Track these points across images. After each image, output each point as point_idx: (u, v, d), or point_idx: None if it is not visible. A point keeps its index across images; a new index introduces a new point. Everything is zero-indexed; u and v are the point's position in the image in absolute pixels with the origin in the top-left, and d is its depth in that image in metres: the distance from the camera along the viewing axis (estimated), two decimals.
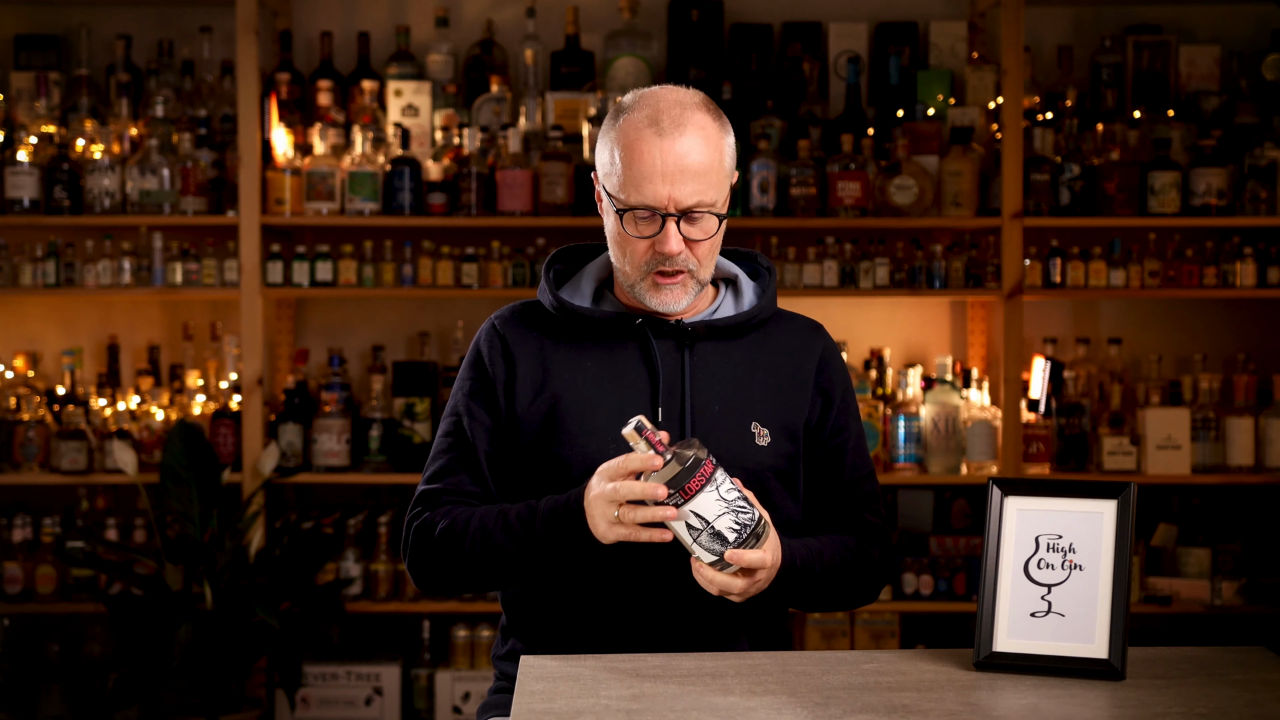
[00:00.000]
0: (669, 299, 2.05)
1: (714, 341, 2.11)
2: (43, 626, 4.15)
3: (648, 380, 2.07)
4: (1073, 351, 4.34)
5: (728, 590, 1.87)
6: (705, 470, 1.81)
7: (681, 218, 2.00)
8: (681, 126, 2.00)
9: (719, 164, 2.02)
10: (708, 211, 2.01)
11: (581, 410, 2.05)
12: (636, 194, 2.00)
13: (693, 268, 2.04)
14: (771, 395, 2.10)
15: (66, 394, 4.19)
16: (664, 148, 1.99)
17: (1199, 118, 4.22)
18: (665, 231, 2.00)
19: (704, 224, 2.02)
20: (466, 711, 4.10)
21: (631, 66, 4.25)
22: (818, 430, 2.14)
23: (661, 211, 1.99)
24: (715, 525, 1.82)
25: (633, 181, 2.00)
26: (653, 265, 2.03)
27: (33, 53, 4.30)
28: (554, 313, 2.12)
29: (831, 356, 2.18)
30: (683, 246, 2.01)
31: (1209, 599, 4.10)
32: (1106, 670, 1.76)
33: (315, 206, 4.09)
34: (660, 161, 1.98)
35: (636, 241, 2.02)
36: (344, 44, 4.36)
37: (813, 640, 4.13)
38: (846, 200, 4.09)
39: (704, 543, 1.83)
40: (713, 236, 2.04)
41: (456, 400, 2.14)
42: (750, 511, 1.84)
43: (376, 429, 4.11)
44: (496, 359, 2.11)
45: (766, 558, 1.85)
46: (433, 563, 2.06)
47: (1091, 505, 1.81)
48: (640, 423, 1.83)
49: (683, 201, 1.99)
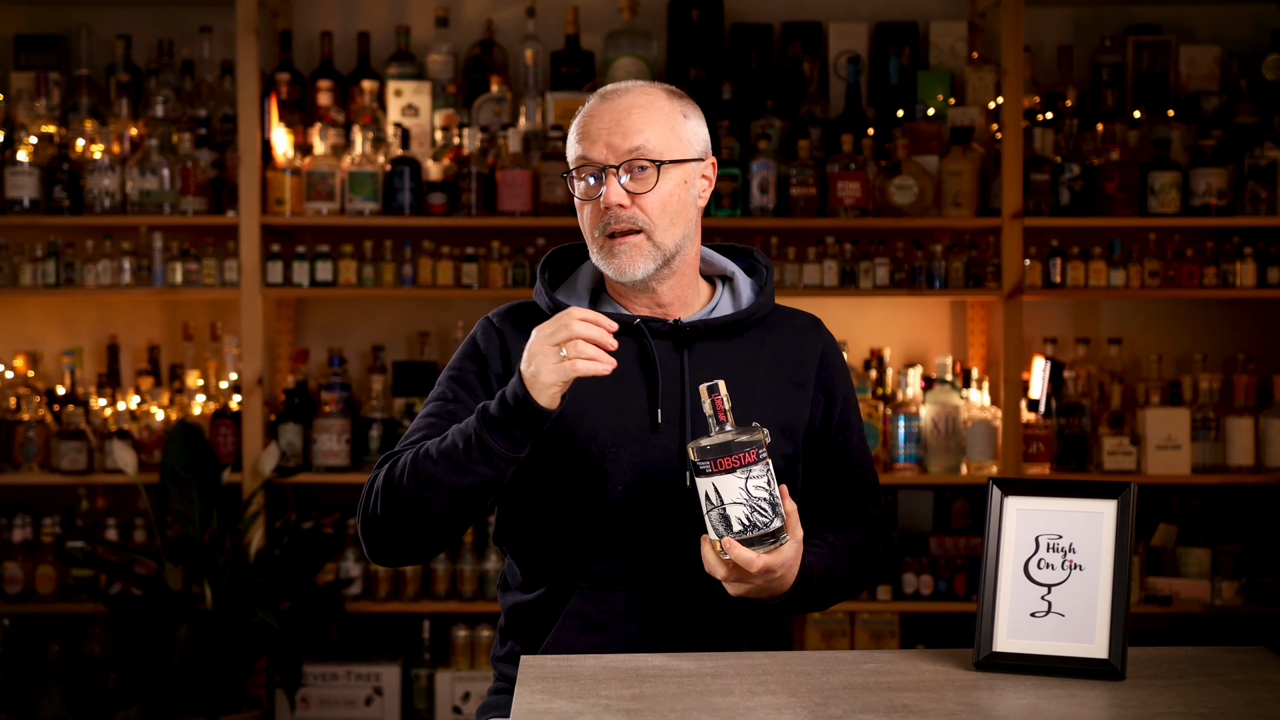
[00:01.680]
0: (625, 263, 2.03)
1: (712, 340, 2.10)
2: (43, 626, 4.15)
3: (645, 381, 2.06)
4: (1073, 351, 4.34)
5: (712, 571, 1.88)
6: (745, 457, 1.82)
7: (620, 169, 2.00)
8: (624, 91, 2.05)
9: (666, 122, 2.02)
10: (650, 160, 2.00)
11: (580, 410, 2.04)
12: (577, 152, 2.03)
13: (644, 225, 2.02)
14: (771, 395, 2.09)
15: (66, 394, 4.19)
16: (604, 107, 2.03)
17: (1199, 118, 4.22)
18: (607, 183, 2.01)
19: (647, 177, 2.01)
20: (466, 711, 4.10)
21: (631, 66, 4.25)
22: (823, 429, 2.14)
23: (600, 163, 2.01)
24: (726, 510, 1.83)
25: (577, 145, 2.04)
26: (604, 228, 2.02)
27: (33, 53, 4.30)
28: (550, 313, 2.10)
29: (831, 354, 2.17)
30: (624, 199, 2.00)
31: (1209, 599, 4.10)
32: (1106, 670, 1.76)
33: (315, 206, 4.09)
34: (599, 120, 2.03)
35: (585, 205, 2.04)
36: (344, 44, 4.36)
37: (813, 640, 4.13)
38: (846, 200, 4.09)
39: (713, 519, 1.84)
40: (658, 191, 2.02)
41: (445, 386, 2.10)
42: (769, 516, 1.84)
43: (376, 429, 4.11)
44: (494, 353, 2.10)
45: (757, 562, 1.84)
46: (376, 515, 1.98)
47: (1091, 505, 1.81)
48: (716, 385, 1.85)
49: (619, 147, 2.00)
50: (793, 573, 1.91)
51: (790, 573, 1.90)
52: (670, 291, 2.09)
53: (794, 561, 1.90)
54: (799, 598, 1.97)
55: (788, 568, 1.89)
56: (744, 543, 1.83)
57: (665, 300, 2.10)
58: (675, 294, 2.10)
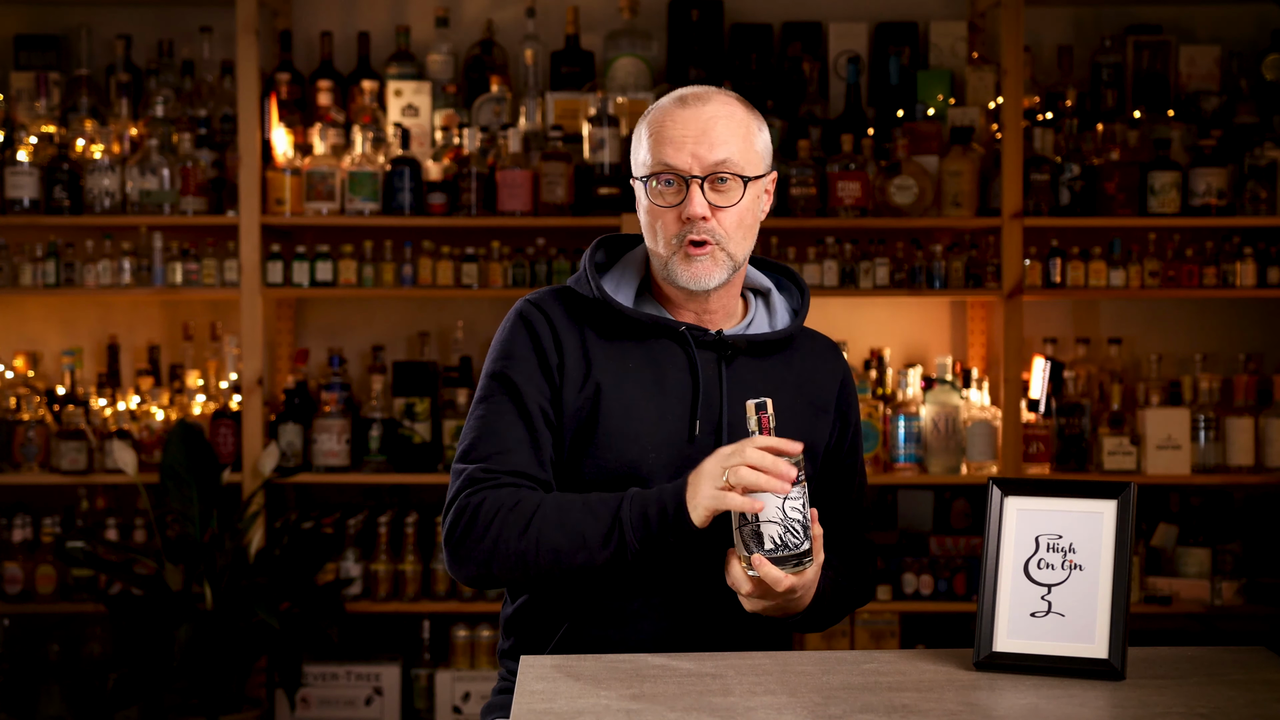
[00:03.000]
0: (699, 271, 2.01)
1: (750, 357, 2.10)
2: (43, 626, 4.15)
3: (690, 390, 2.06)
4: (1073, 351, 4.34)
5: (736, 586, 1.89)
6: None
7: (705, 181, 1.99)
8: (705, 99, 2.02)
9: (746, 137, 2.01)
10: (734, 175, 1.99)
11: (624, 410, 2.03)
12: (660, 158, 2.00)
13: (720, 238, 2.01)
14: (796, 416, 2.10)
15: (66, 394, 4.19)
16: (687, 115, 2.00)
17: (1199, 118, 4.22)
18: (690, 194, 1.99)
19: (730, 191, 2.00)
20: (466, 711, 4.10)
21: (631, 66, 4.25)
22: (835, 452, 2.17)
23: (685, 174, 1.99)
24: (761, 527, 1.84)
25: (657, 150, 2.01)
26: (683, 236, 2.01)
27: (33, 53, 4.30)
28: (594, 305, 2.08)
29: (848, 379, 2.21)
30: (708, 211, 1.99)
31: (1209, 599, 4.10)
32: (1106, 670, 1.76)
33: (315, 206, 4.09)
34: (683, 127, 2.00)
35: (664, 212, 2.01)
36: (344, 44, 4.36)
37: (813, 640, 4.13)
38: (846, 200, 4.09)
39: (745, 535, 1.86)
40: (739, 206, 2.01)
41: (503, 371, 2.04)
42: (800, 538, 1.85)
43: (376, 429, 4.11)
44: (547, 337, 2.05)
45: (785, 581, 1.85)
46: (486, 544, 1.96)
47: (1091, 505, 1.81)
48: (765, 402, 1.86)
49: (705, 159, 1.98)
50: (810, 595, 1.94)
51: (808, 594, 1.93)
52: (719, 300, 2.09)
53: (814, 584, 1.93)
54: (808, 620, 2.01)
55: (807, 589, 1.92)
56: (773, 561, 1.85)
57: (713, 308, 2.09)
58: (722, 304, 2.10)
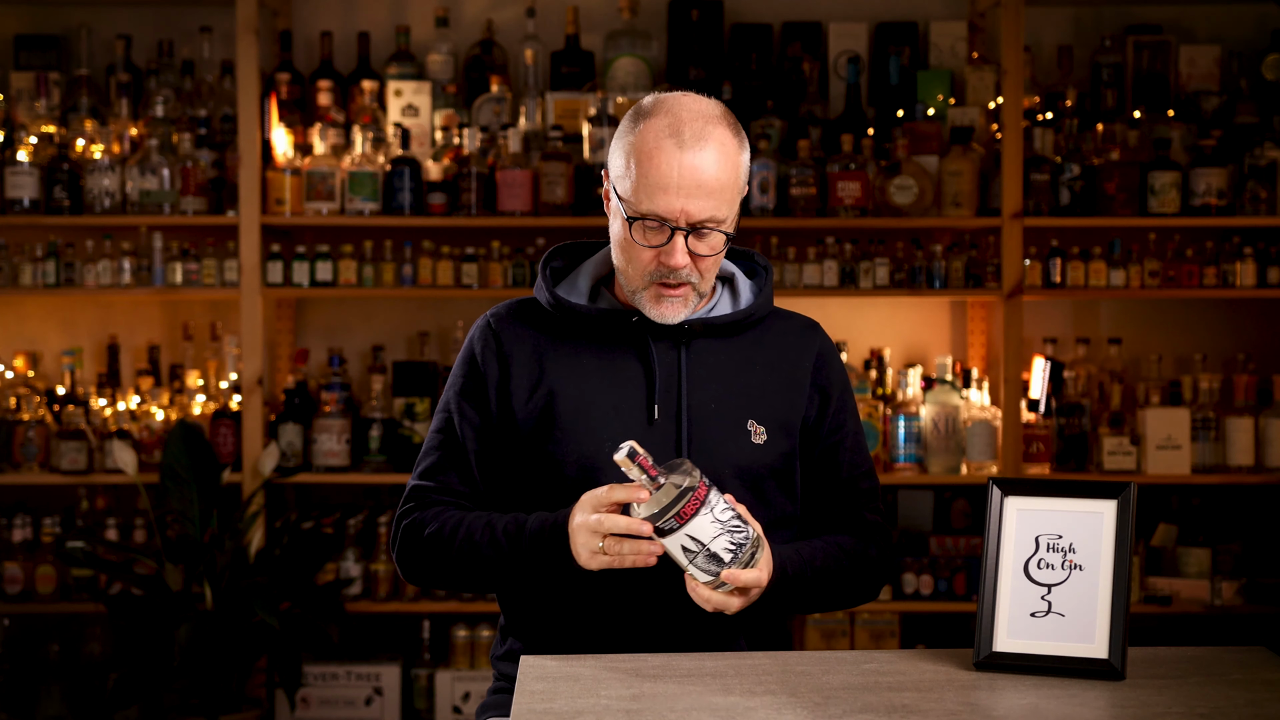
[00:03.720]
0: (668, 311, 2.04)
1: (710, 339, 2.10)
2: (43, 626, 4.15)
3: (644, 378, 2.07)
4: (1073, 351, 4.34)
5: (724, 608, 1.88)
6: (699, 494, 1.80)
7: (690, 232, 1.99)
8: (702, 140, 1.97)
9: (734, 180, 2.01)
10: (717, 229, 2.00)
11: (577, 408, 2.05)
12: (649, 203, 1.98)
13: (694, 281, 2.03)
14: (768, 393, 2.10)
15: (66, 394, 4.19)
16: (682, 161, 1.96)
17: (1199, 118, 4.22)
18: (673, 244, 1.99)
19: (711, 240, 2.01)
20: (466, 711, 4.10)
21: (631, 66, 4.25)
22: (815, 428, 2.14)
23: (672, 224, 1.98)
24: (711, 547, 1.82)
25: (646, 190, 1.98)
26: (656, 276, 2.02)
27: (33, 53, 4.30)
28: (550, 310, 2.11)
29: (828, 355, 2.17)
30: (688, 260, 2.00)
31: (1209, 599, 4.10)
32: (1106, 670, 1.76)
33: (315, 206, 4.09)
34: (677, 174, 1.96)
35: (643, 250, 2.01)
36: (344, 44, 4.36)
37: (813, 640, 4.13)
38: (846, 200, 4.09)
39: (700, 564, 1.83)
40: (718, 253, 2.03)
41: (448, 397, 2.15)
42: (745, 530, 1.84)
43: (376, 429, 4.11)
44: (489, 357, 2.11)
45: (763, 576, 1.87)
46: (420, 563, 2.10)
47: (1091, 505, 1.81)
48: (633, 449, 1.79)
49: (694, 216, 1.98)
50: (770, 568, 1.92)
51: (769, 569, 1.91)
52: None
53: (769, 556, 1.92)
54: (776, 593, 1.96)
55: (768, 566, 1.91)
56: (743, 567, 1.84)
57: None
58: None
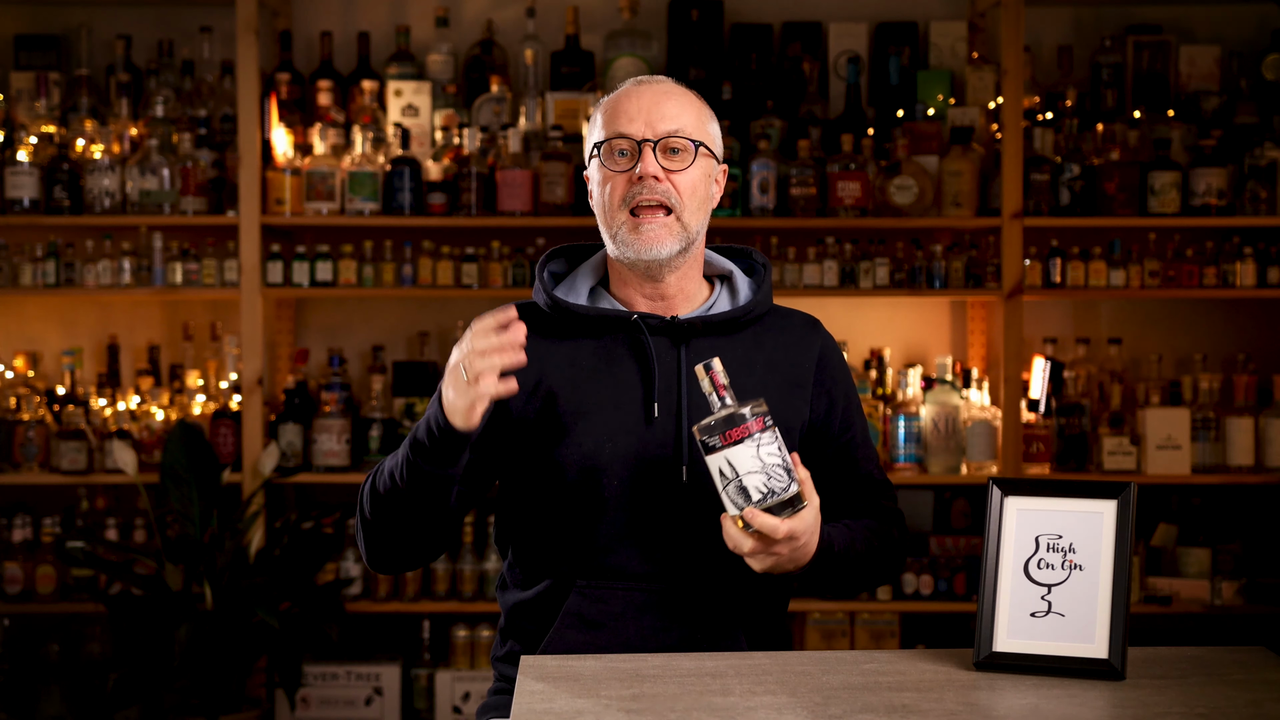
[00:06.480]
0: (650, 239, 2.04)
1: (710, 338, 2.10)
2: (43, 626, 4.15)
3: (643, 377, 2.07)
4: (1073, 351, 4.34)
5: (738, 547, 1.86)
6: (750, 426, 1.83)
7: (658, 145, 2.04)
8: (658, 80, 2.12)
9: (698, 117, 2.09)
10: (687, 140, 2.05)
11: (577, 407, 2.05)
12: (613, 127, 2.07)
13: (674, 204, 2.05)
14: (767, 394, 2.09)
15: (66, 394, 4.19)
16: (640, 92, 2.08)
17: (1199, 118, 4.22)
18: (643, 155, 2.04)
19: (682, 157, 2.05)
20: (466, 711, 4.10)
21: (631, 66, 4.25)
22: (825, 428, 2.14)
23: (638, 139, 2.04)
24: (744, 480, 1.83)
25: (611, 123, 2.07)
26: (630, 200, 2.04)
27: (33, 53, 4.30)
28: (549, 311, 2.11)
29: (830, 353, 2.18)
30: (659, 169, 2.04)
31: (1209, 599, 4.10)
32: (1106, 670, 1.76)
33: (315, 206, 4.09)
34: (637, 101, 2.07)
35: (616, 177, 2.06)
36: (344, 44, 4.36)
37: (813, 640, 4.13)
38: (846, 200, 4.09)
39: (730, 493, 1.85)
40: (690, 171, 2.06)
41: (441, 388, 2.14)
42: (785, 481, 1.84)
43: (376, 429, 4.11)
44: None
45: (782, 527, 1.83)
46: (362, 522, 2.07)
47: (1091, 505, 1.81)
48: (710, 363, 1.87)
49: (658, 126, 2.05)
50: (814, 541, 1.90)
51: (812, 540, 1.90)
52: (676, 283, 2.10)
53: (815, 528, 1.90)
54: (821, 569, 1.95)
55: (810, 534, 1.88)
56: (766, 510, 1.83)
57: (669, 293, 2.10)
58: (679, 286, 2.11)
